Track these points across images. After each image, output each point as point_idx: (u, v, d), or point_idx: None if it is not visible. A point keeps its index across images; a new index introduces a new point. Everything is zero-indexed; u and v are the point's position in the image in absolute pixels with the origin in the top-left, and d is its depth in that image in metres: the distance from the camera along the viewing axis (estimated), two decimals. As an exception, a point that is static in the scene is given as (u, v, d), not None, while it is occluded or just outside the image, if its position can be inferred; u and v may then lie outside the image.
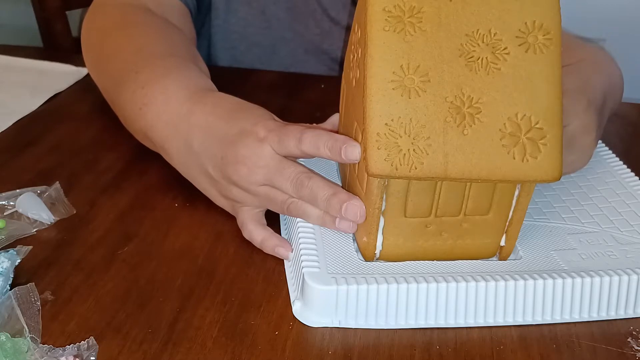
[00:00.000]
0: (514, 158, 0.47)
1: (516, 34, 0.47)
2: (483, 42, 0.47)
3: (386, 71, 0.46)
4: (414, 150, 0.46)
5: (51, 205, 0.61)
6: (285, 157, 0.54)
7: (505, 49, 0.47)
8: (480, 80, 0.47)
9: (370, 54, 0.46)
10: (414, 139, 0.46)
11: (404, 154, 0.46)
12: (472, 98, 0.47)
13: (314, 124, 0.60)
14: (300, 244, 0.53)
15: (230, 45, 0.94)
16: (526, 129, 0.47)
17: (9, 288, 0.51)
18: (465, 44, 0.47)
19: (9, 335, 0.45)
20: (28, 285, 0.50)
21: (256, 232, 0.56)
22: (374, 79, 0.46)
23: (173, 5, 0.80)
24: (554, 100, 0.47)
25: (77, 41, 0.81)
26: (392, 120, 0.46)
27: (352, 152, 0.50)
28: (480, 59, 0.47)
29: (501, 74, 0.47)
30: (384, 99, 0.46)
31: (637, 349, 0.49)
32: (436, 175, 0.46)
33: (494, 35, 0.47)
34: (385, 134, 0.46)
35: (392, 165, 0.46)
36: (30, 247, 0.55)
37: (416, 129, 0.46)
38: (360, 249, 0.53)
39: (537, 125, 0.47)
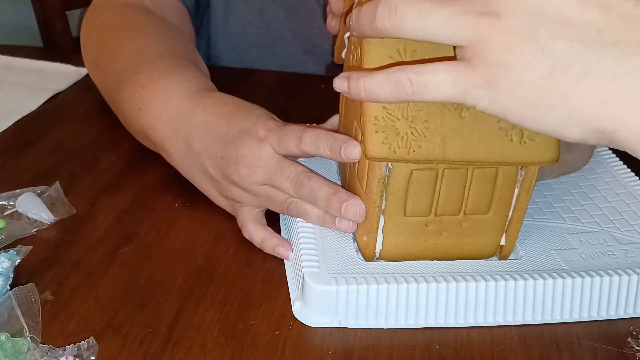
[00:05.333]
0: (512, 140, 0.46)
1: None
2: None
3: (383, 55, 0.45)
4: (411, 133, 0.46)
5: (51, 205, 0.60)
6: (285, 156, 0.54)
7: None
8: None
9: (367, 39, 0.46)
10: (411, 121, 0.46)
11: (402, 137, 0.46)
12: None
13: (314, 124, 0.60)
14: (300, 244, 0.53)
15: (230, 45, 0.94)
16: None
17: (9, 288, 0.51)
18: None
19: (9, 335, 0.45)
20: (28, 285, 0.50)
21: (256, 232, 0.56)
22: (371, 63, 0.46)
23: (172, 5, 0.80)
24: None
25: (77, 41, 0.81)
26: (389, 103, 0.46)
27: (352, 151, 0.50)
28: None
29: None
30: None
31: (637, 349, 0.49)
32: (434, 158, 0.46)
33: None
34: (382, 117, 0.45)
35: (390, 149, 0.46)
36: (30, 247, 0.55)
37: (413, 112, 0.46)
38: (360, 249, 0.53)
39: None
